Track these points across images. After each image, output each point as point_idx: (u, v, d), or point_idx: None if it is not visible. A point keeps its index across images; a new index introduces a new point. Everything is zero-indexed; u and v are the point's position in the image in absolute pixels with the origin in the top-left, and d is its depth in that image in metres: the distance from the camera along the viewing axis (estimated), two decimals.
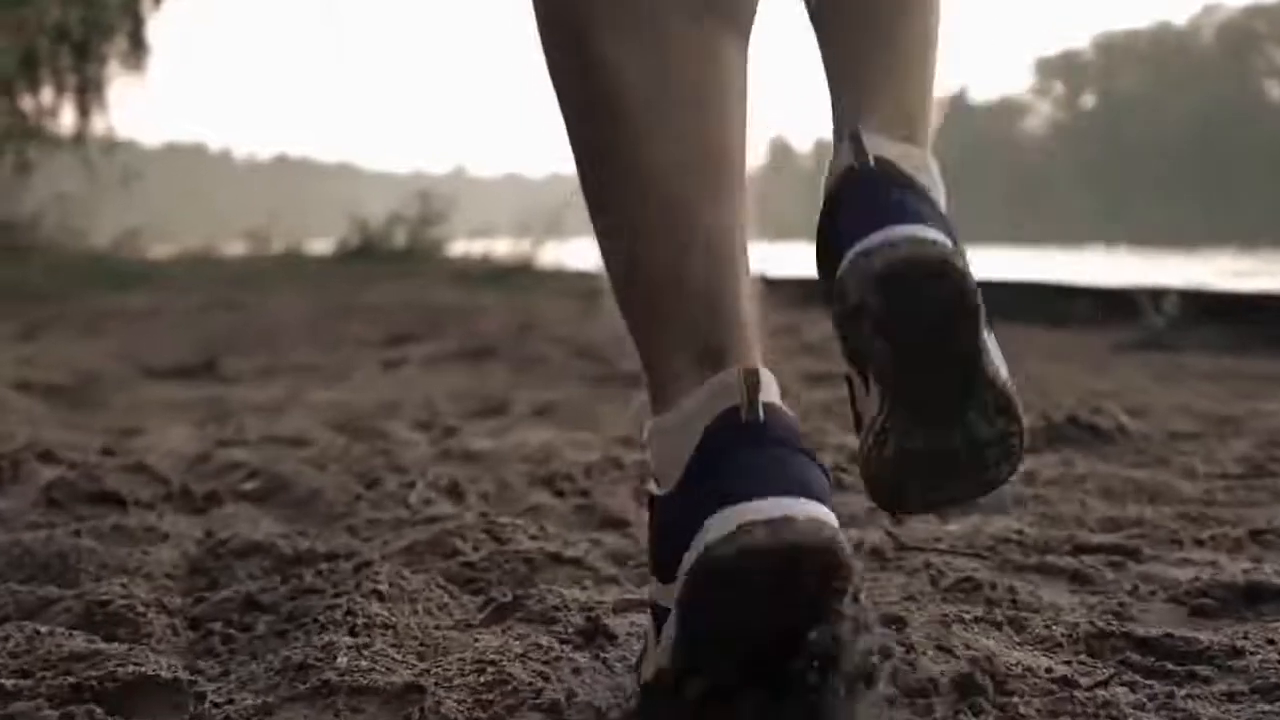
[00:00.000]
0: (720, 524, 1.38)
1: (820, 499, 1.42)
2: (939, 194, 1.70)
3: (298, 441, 3.15)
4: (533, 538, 2.12)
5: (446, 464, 2.96)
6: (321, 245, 19.62)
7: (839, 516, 1.41)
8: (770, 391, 1.51)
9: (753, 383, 1.49)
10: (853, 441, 3.16)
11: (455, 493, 2.55)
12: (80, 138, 21.61)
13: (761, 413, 1.47)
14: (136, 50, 22.71)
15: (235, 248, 20.71)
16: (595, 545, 2.19)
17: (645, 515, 1.57)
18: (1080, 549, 2.17)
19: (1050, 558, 2.09)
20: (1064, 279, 10.80)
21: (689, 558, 1.38)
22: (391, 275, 13.86)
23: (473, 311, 8.95)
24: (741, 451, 1.45)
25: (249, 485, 2.66)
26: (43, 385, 5.03)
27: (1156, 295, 7.97)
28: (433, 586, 1.85)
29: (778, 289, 9.58)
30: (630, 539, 2.26)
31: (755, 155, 1.65)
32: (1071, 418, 3.39)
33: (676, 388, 1.53)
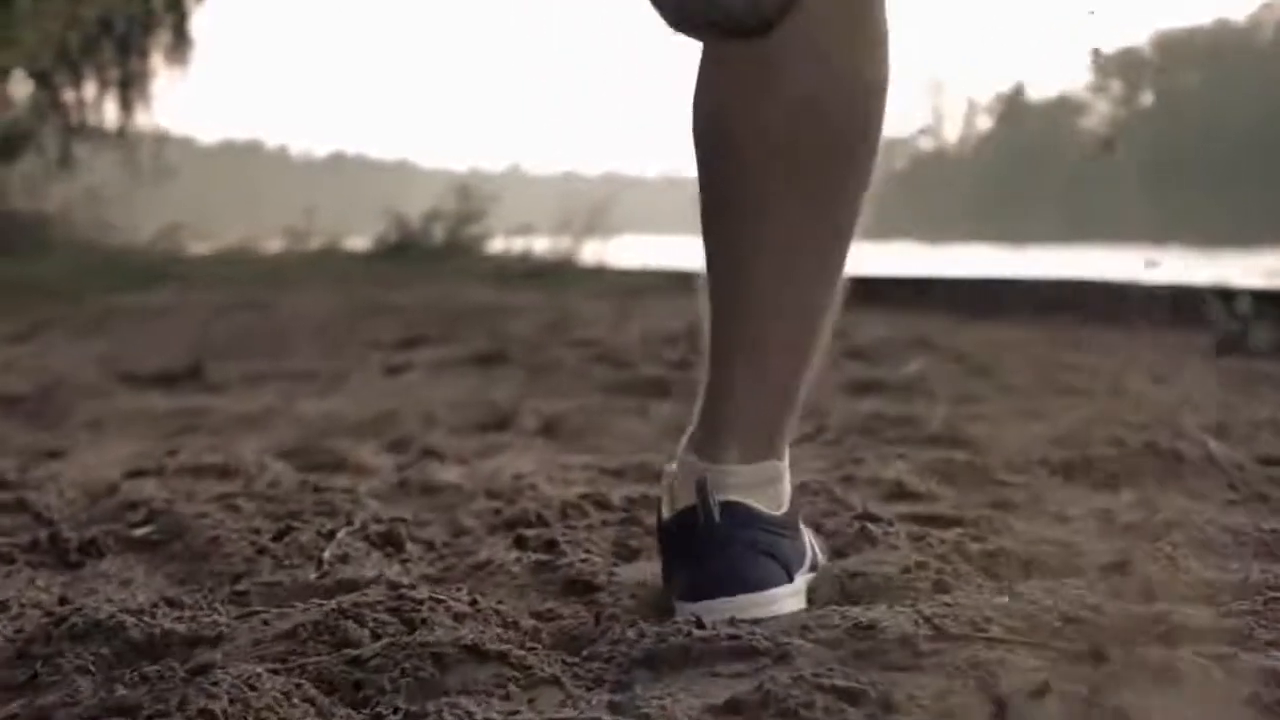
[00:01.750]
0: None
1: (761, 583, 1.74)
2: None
3: (226, 471, 2.65)
4: (458, 618, 1.61)
5: (397, 502, 2.47)
6: (362, 242, 19.21)
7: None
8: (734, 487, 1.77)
9: (702, 492, 1.75)
10: (890, 475, 2.65)
11: (390, 543, 2.06)
12: (122, 132, 21.34)
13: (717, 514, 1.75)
14: (180, 44, 22.42)
15: (274, 244, 20.37)
16: (542, 625, 1.68)
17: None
18: (1177, 634, 1.65)
19: (1139, 647, 1.58)
20: (1126, 277, 10.20)
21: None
22: (425, 273, 13.40)
23: (500, 311, 8.44)
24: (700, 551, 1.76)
25: (141, 531, 2.16)
26: (1, 395, 4.58)
27: (1227, 295, 7.41)
28: (294, 699, 1.35)
29: None
30: (593, 612, 1.76)
31: None
32: (1150, 444, 2.85)
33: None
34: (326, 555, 1.92)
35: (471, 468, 2.89)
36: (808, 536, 1.89)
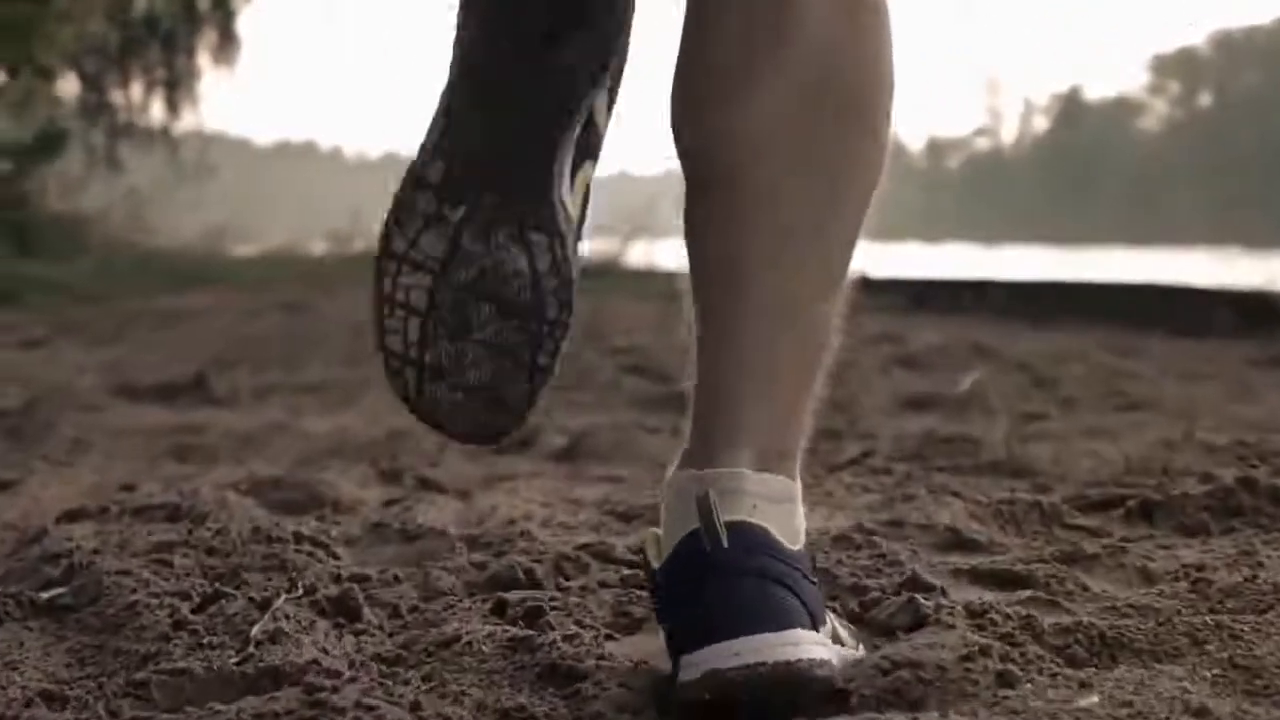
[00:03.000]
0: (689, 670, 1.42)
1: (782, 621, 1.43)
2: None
3: (176, 513, 2.30)
4: None
5: (368, 551, 2.12)
6: None
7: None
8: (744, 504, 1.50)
9: (706, 511, 1.49)
10: (944, 518, 2.29)
11: (342, 611, 1.70)
12: (167, 132, 21.19)
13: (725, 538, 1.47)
14: (226, 43, 22.28)
15: (319, 247, 20.16)
16: None
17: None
18: None
19: None
20: (1192, 281, 9.78)
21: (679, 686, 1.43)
22: None
23: None
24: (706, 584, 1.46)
25: (51, 593, 1.81)
26: None
27: None
28: None
29: (881, 292, 8.80)
30: (571, 712, 1.41)
31: None
32: (1246, 480, 2.46)
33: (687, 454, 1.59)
34: (255, 631, 1.56)
35: (468, 504, 2.54)
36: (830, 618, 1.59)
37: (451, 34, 1.57)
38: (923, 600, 1.67)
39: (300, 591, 1.72)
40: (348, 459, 3.67)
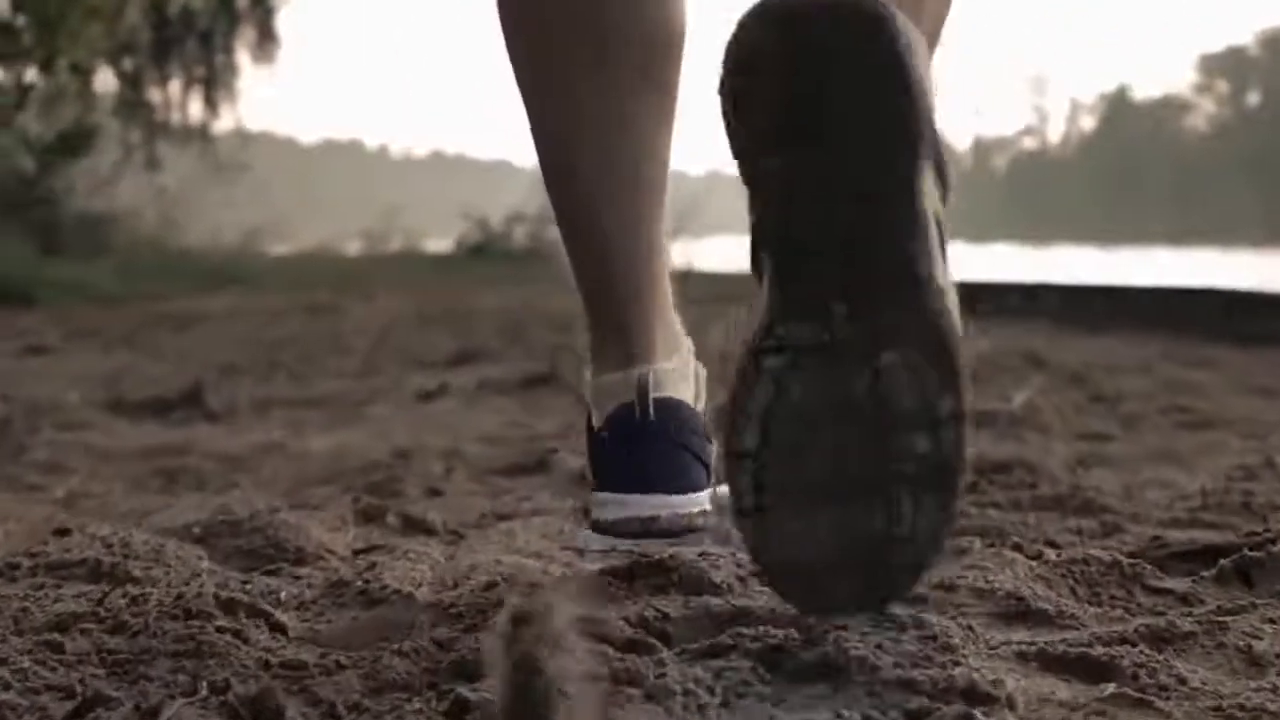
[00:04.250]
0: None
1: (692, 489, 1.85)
2: None
3: (98, 570, 1.95)
4: None
5: (317, 622, 1.77)
6: (445, 244, 18.68)
7: None
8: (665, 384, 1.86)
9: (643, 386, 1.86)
10: (1004, 581, 1.94)
11: (257, 718, 1.36)
12: (205, 131, 21.06)
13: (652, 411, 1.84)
14: (266, 41, 22.15)
15: (356, 246, 19.96)
16: None
17: None
18: None
19: None
20: (1251, 285, 9.36)
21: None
22: (502, 277, 12.77)
23: (568, 320, 7.73)
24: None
25: None
26: None
27: None
28: None
29: None
30: None
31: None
32: None
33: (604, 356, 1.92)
34: None
35: (452, 553, 2.20)
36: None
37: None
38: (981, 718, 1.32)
39: (205, 691, 1.37)
40: (341, 484, 3.35)
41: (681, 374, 1.91)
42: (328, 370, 5.71)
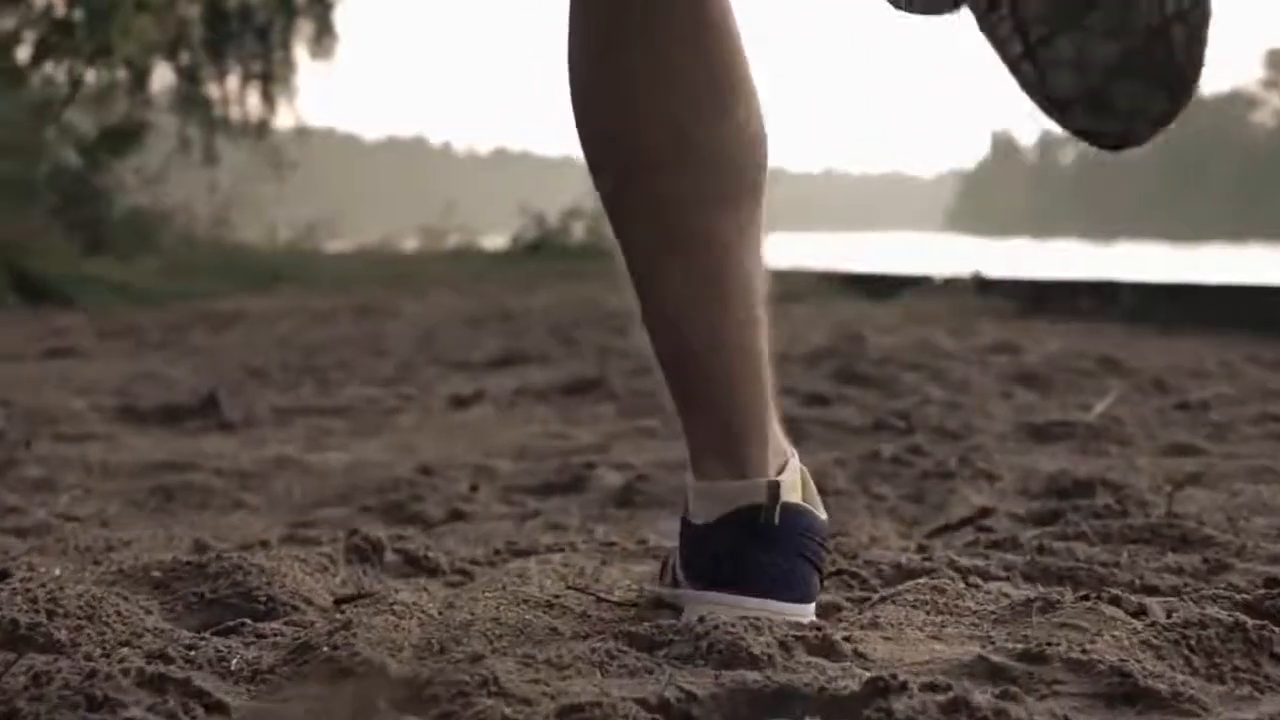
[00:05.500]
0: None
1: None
2: None
3: (9, 634, 1.63)
4: None
5: (266, 704, 1.45)
6: (502, 240, 18.41)
7: None
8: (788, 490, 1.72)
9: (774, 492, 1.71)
10: (1103, 650, 1.60)
11: None
12: (264, 126, 20.90)
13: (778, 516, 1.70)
14: (324, 36, 21.98)
15: (413, 243, 19.75)
16: None
17: None
18: None
19: None
20: None
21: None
22: (558, 275, 12.44)
23: (619, 320, 7.40)
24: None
25: None
26: None
27: None
28: None
29: (993, 292, 8.07)
30: None
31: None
32: None
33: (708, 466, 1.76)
34: None
35: (452, 602, 1.87)
36: None
37: None
38: None
39: None
40: (355, 505, 3.06)
41: (792, 483, 1.76)
42: (361, 375, 5.41)
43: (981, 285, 9.52)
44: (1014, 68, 1.49)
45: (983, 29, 1.51)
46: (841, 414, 4.21)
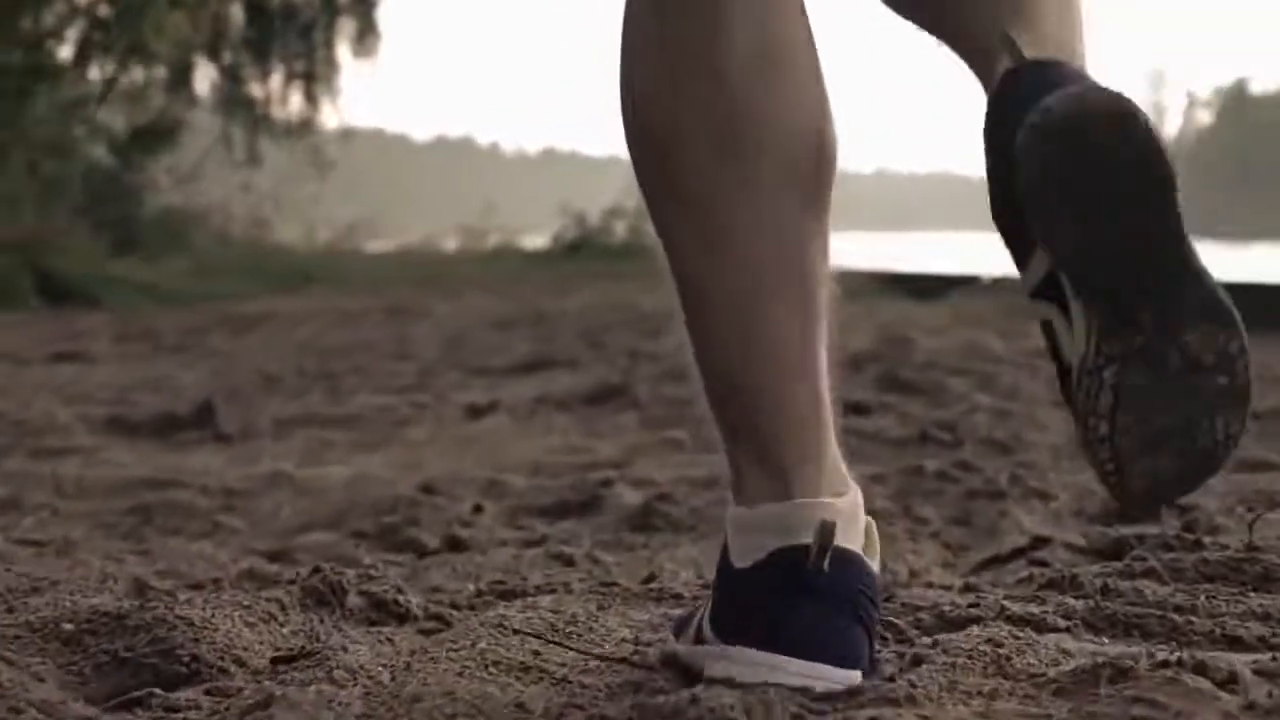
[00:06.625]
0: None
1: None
2: None
3: None
4: None
5: None
6: (543, 240, 18.19)
7: None
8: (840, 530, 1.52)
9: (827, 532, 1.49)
10: None
11: None
12: (308, 125, 20.78)
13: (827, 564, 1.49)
14: (366, 35, 21.86)
15: (452, 244, 19.57)
16: None
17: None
18: None
19: None
20: None
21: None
22: (596, 275, 12.18)
23: (654, 322, 7.11)
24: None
25: None
26: None
27: None
28: None
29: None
30: None
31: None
32: None
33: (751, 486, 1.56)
34: None
35: (409, 664, 1.58)
36: None
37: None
38: None
39: None
40: (346, 528, 2.80)
41: (853, 518, 1.55)
42: (377, 381, 5.14)
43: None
44: (1090, 441, 1.56)
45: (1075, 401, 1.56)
46: (882, 424, 3.93)
